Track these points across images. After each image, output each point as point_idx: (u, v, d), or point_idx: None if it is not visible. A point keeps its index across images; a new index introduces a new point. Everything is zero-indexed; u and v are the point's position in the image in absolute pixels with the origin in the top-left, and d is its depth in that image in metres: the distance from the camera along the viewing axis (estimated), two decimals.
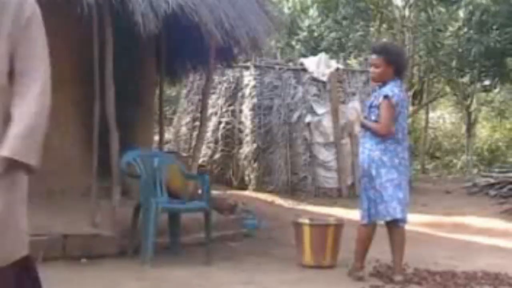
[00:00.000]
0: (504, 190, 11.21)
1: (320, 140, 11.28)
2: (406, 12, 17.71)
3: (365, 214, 5.23)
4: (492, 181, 11.92)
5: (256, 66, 11.51)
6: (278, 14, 10.75)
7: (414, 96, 18.71)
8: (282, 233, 7.37)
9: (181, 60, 8.50)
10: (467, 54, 16.43)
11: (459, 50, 16.78)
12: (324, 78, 11.51)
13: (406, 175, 5.23)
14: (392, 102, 5.11)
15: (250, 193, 10.84)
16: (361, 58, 15.76)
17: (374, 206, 5.15)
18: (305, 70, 11.62)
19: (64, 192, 6.96)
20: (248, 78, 11.58)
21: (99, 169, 6.01)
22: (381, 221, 5.28)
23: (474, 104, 19.39)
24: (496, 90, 20.26)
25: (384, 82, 5.25)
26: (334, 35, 17.27)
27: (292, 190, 11.04)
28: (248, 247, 6.71)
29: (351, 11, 17.12)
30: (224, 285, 5.11)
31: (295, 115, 11.23)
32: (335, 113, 11.32)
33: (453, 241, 7.55)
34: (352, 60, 17.07)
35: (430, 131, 19.84)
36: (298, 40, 18.13)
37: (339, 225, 5.88)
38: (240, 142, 11.50)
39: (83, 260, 5.52)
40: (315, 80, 11.54)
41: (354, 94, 11.69)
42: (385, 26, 18.70)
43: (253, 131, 11.25)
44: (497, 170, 13.46)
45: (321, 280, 5.34)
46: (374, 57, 5.31)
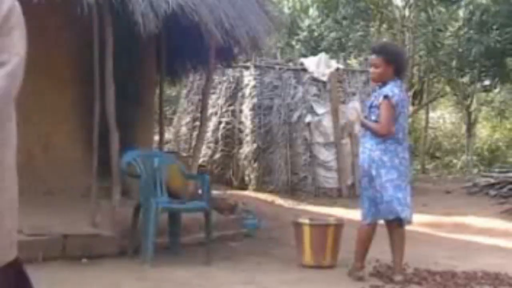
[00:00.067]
0: (504, 190, 11.19)
1: (320, 140, 11.28)
2: (406, 12, 17.70)
3: (365, 214, 5.22)
4: (492, 181, 11.90)
5: (256, 66, 11.51)
6: (278, 14, 10.74)
7: (414, 96, 18.70)
8: (282, 233, 7.37)
9: (181, 60, 8.50)
10: (467, 54, 16.42)
11: (459, 50, 16.77)
12: (324, 78, 11.51)
13: (406, 175, 5.23)
14: (392, 102, 5.10)
15: (250, 193, 10.83)
16: (361, 58, 15.75)
17: (375, 206, 5.15)
18: (305, 70, 11.61)
19: (64, 192, 6.97)
20: (248, 78, 11.58)
21: (99, 169, 6.01)
22: (381, 220, 5.28)
23: (474, 104, 19.37)
24: (496, 90, 20.25)
25: (384, 82, 5.24)
26: (334, 35, 17.26)
27: (292, 190, 11.03)
28: (248, 247, 6.70)
29: (351, 11, 17.11)
30: (224, 285, 5.11)
31: (295, 115, 11.23)
32: (335, 113, 11.31)
33: (453, 241, 7.55)
34: (352, 60, 17.07)
35: (430, 131, 19.82)
36: (298, 40, 18.12)
37: (339, 225, 5.88)
38: (240, 142, 11.50)
39: (83, 260, 5.52)
40: (315, 80, 11.53)
41: (354, 94, 11.69)
42: (385, 26, 18.69)
43: (253, 131, 11.25)
44: (497, 170, 13.45)
45: (321, 280, 5.33)
46: (373, 57, 5.31)
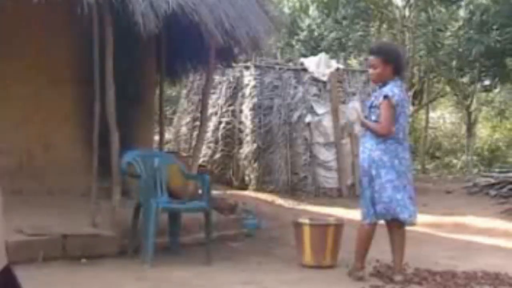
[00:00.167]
0: (504, 190, 11.19)
1: (320, 140, 11.27)
2: (406, 12, 17.70)
3: (365, 214, 5.22)
4: (492, 181, 11.90)
5: (256, 66, 11.50)
6: (278, 14, 10.74)
7: (414, 96, 18.70)
8: (282, 233, 7.37)
9: (181, 60, 8.50)
10: (467, 54, 16.42)
11: (459, 50, 16.76)
12: (324, 78, 11.50)
13: (406, 176, 5.21)
14: (392, 102, 5.10)
15: (250, 193, 10.83)
16: (361, 58, 15.76)
17: (374, 206, 5.15)
18: (305, 70, 11.60)
19: (64, 192, 6.98)
20: (248, 78, 11.57)
21: (99, 169, 6.01)
22: (381, 221, 5.28)
23: (474, 104, 19.37)
24: (496, 90, 20.26)
25: (384, 82, 5.24)
26: (334, 35, 17.26)
27: (292, 190, 11.03)
28: (248, 247, 6.70)
29: (351, 11, 17.10)
30: (224, 285, 5.11)
31: (295, 115, 11.22)
32: (335, 113, 11.31)
33: (453, 241, 7.54)
34: (352, 60, 17.08)
35: (430, 131, 19.82)
36: (298, 40, 18.12)
37: (339, 225, 5.88)
38: (240, 142, 11.49)
39: (83, 260, 5.51)
40: (315, 80, 11.53)
41: (354, 94, 11.68)
42: (385, 26, 18.70)
43: (253, 131, 11.24)
44: (497, 170, 13.46)
45: (321, 280, 5.33)
46: (372, 57, 5.32)
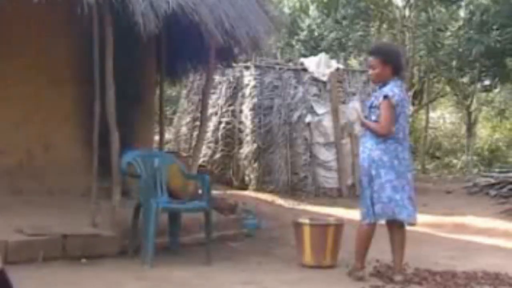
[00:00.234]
0: (504, 190, 11.19)
1: (320, 140, 11.27)
2: (406, 12, 17.70)
3: (365, 213, 5.22)
4: (492, 181, 11.90)
5: (256, 66, 11.50)
6: (278, 14, 10.73)
7: (414, 96, 18.70)
8: (282, 233, 7.37)
9: (181, 60, 8.50)
10: (468, 54, 16.42)
11: (460, 50, 16.76)
12: (324, 78, 11.50)
13: (405, 176, 5.19)
14: (392, 102, 5.11)
15: (250, 193, 10.83)
16: (361, 58, 15.76)
17: (373, 206, 5.15)
18: (305, 70, 11.60)
19: (64, 192, 6.98)
20: (248, 78, 11.57)
21: (99, 169, 6.01)
22: (381, 221, 5.28)
23: (474, 104, 19.38)
24: (496, 90, 20.26)
25: (384, 82, 5.24)
26: (334, 35, 17.25)
27: (292, 190, 11.03)
28: (248, 247, 6.70)
29: (351, 11, 17.10)
30: (224, 285, 5.11)
31: (295, 115, 11.22)
32: (335, 113, 11.31)
33: (453, 241, 7.54)
34: (352, 60, 17.08)
35: (430, 131, 19.81)
36: (298, 40, 18.12)
37: (339, 225, 5.88)
38: (240, 142, 11.49)
39: (83, 260, 5.51)
40: (316, 80, 11.52)
41: (354, 94, 11.68)
42: (385, 26, 18.70)
43: (253, 131, 11.24)
44: (497, 170, 13.46)
45: (321, 280, 5.33)
46: (371, 58, 5.34)
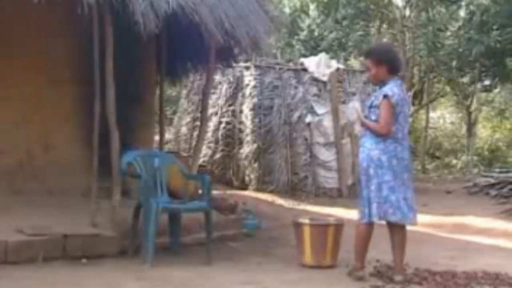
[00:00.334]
0: (504, 190, 11.20)
1: (320, 140, 11.27)
2: (407, 12, 17.71)
3: (363, 213, 5.23)
4: (492, 181, 11.91)
5: (256, 66, 11.50)
6: (278, 14, 10.73)
7: (415, 96, 18.69)
8: (282, 233, 7.37)
9: (181, 60, 8.49)
10: (468, 54, 16.42)
11: (460, 50, 16.76)
12: (324, 78, 11.50)
13: (402, 176, 5.17)
14: (392, 101, 5.11)
15: (250, 193, 10.83)
16: (361, 58, 15.73)
17: (370, 205, 5.16)
18: (305, 70, 11.61)
19: (64, 192, 6.98)
20: (248, 78, 11.57)
21: (99, 169, 6.01)
22: (380, 220, 5.28)
23: (475, 104, 19.38)
24: (496, 90, 20.26)
25: (383, 82, 5.25)
26: (334, 35, 17.25)
27: (292, 190, 11.03)
28: (248, 247, 6.70)
29: (351, 11, 17.10)
30: (224, 285, 5.11)
31: (296, 115, 11.22)
32: (336, 113, 11.31)
33: (453, 241, 7.54)
34: (352, 60, 17.08)
35: (430, 131, 19.83)
36: (298, 40, 18.12)
37: (339, 225, 5.88)
38: (240, 142, 11.50)
39: (83, 260, 5.51)
40: (316, 80, 11.53)
41: (354, 94, 11.68)
42: (385, 26, 18.70)
43: (253, 131, 11.24)
44: (497, 170, 13.47)
45: (321, 280, 5.33)
46: (367, 60, 5.36)
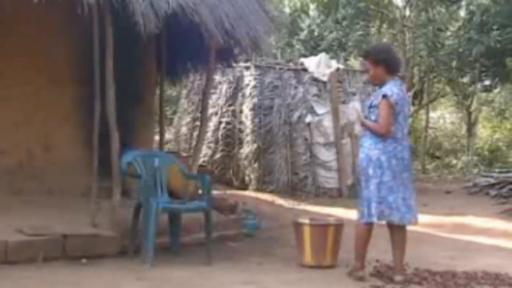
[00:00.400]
0: (504, 190, 11.19)
1: (320, 140, 11.27)
2: (407, 12, 17.71)
3: (362, 213, 5.24)
4: (492, 181, 11.90)
5: (256, 66, 11.50)
6: (278, 14, 10.73)
7: (415, 96, 18.68)
8: (282, 233, 7.37)
9: (181, 60, 8.50)
10: (468, 54, 16.41)
11: (460, 50, 16.75)
12: (324, 78, 11.50)
13: (401, 176, 5.17)
14: (391, 101, 5.12)
15: (250, 193, 10.83)
16: (361, 58, 15.70)
17: (368, 205, 5.16)
18: (305, 70, 11.60)
19: (64, 192, 6.98)
20: (248, 78, 11.57)
21: (99, 169, 6.01)
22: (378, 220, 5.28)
23: (475, 104, 19.38)
24: (496, 90, 20.26)
25: (382, 82, 5.26)
26: (334, 35, 17.24)
27: (292, 190, 11.03)
28: (248, 247, 6.70)
29: (351, 11, 17.10)
30: (224, 285, 5.11)
31: (296, 115, 11.22)
32: (336, 113, 11.31)
33: (453, 241, 7.54)
34: (352, 60, 17.07)
35: (430, 131, 19.82)
36: (298, 39, 18.12)
37: (339, 225, 5.88)
38: (240, 142, 11.50)
39: (83, 260, 5.51)
40: (316, 80, 11.52)
41: (354, 94, 11.68)
42: (385, 26, 18.70)
43: (253, 131, 11.24)
44: (497, 170, 13.46)
45: (321, 280, 5.33)
46: (365, 61, 5.38)
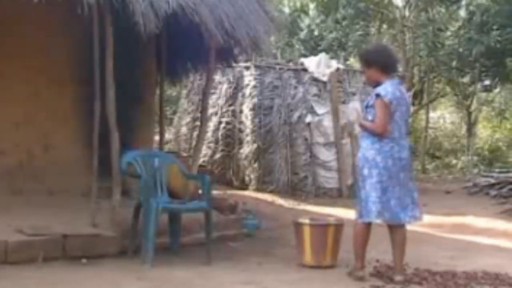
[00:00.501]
0: (504, 190, 11.19)
1: (320, 140, 11.27)
2: (406, 12, 17.71)
3: (359, 212, 5.25)
4: (492, 181, 11.90)
5: (256, 66, 11.50)
6: (278, 14, 10.73)
7: (415, 96, 18.67)
8: (282, 233, 7.38)
9: (181, 60, 8.50)
10: (468, 54, 16.41)
11: (460, 50, 16.75)
12: (324, 78, 11.49)
13: (398, 176, 5.15)
14: (385, 100, 5.12)
15: (250, 193, 10.83)
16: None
17: (365, 205, 5.17)
18: (305, 70, 11.59)
19: (64, 192, 6.98)
20: (248, 78, 11.57)
21: (99, 169, 6.01)
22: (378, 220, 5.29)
23: (475, 104, 19.38)
24: (496, 90, 20.25)
25: (378, 83, 5.26)
26: (334, 35, 17.24)
27: (292, 190, 11.03)
28: (248, 247, 6.70)
29: (351, 11, 17.09)
30: (224, 285, 5.11)
31: (296, 115, 11.22)
32: (336, 113, 11.31)
33: (453, 241, 7.54)
34: (352, 60, 17.06)
35: (430, 131, 19.82)
36: (298, 39, 18.11)
37: (339, 225, 5.88)
38: (240, 142, 11.50)
39: (83, 260, 5.52)
40: (316, 80, 11.52)
41: (354, 94, 11.69)
42: (385, 26, 18.70)
43: (253, 131, 11.24)
44: (497, 170, 13.47)
45: (321, 280, 5.33)
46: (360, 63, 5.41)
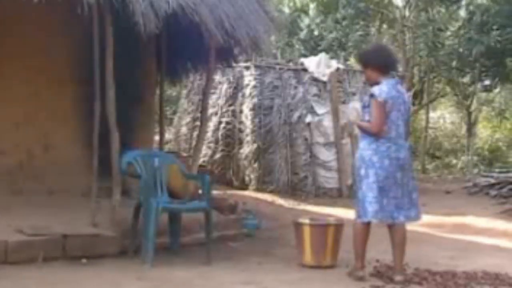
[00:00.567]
0: (504, 190, 11.19)
1: (320, 140, 11.27)
2: (406, 12, 17.71)
3: (358, 212, 5.26)
4: (492, 181, 11.90)
5: (256, 66, 11.50)
6: (278, 14, 10.73)
7: (415, 96, 18.67)
8: (282, 233, 7.38)
9: (181, 60, 8.50)
10: (468, 54, 16.41)
11: (460, 50, 16.74)
12: (324, 78, 11.50)
13: (394, 176, 5.15)
14: (379, 100, 5.12)
15: (250, 193, 10.83)
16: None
17: (363, 205, 5.17)
18: (305, 70, 11.60)
19: (64, 192, 6.98)
20: (248, 78, 11.57)
21: (99, 169, 6.01)
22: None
23: (475, 104, 19.37)
24: (496, 90, 20.25)
25: (376, 83, 5.26)
26: (334, 35, 17.24)
27: (292, 190, 11.03)
28: (248, 247, 6.70)
29: (351, 11, 17.10)
30: (224, 285, 5.11)
31: (296, 115, 11.22)
32: (336, 113, 11.31)
33: (453, 241, 7.54)
34: (352, 60, 17.06)
35: (430, 131, 19.82)
36: (298, 39, 18.11)
37: (339, 225, 5.88)
38: (240, 142, 11.50)
39: (83, 260, 5.52)
40: (316, 80, 11.52)
41: (354, 94, 11.69)
42: (385, 26, 18.70)
43: (253, 131, 11.24)
44: (497, 170, 13.47)
45: (321, 280, 5.33)
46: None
